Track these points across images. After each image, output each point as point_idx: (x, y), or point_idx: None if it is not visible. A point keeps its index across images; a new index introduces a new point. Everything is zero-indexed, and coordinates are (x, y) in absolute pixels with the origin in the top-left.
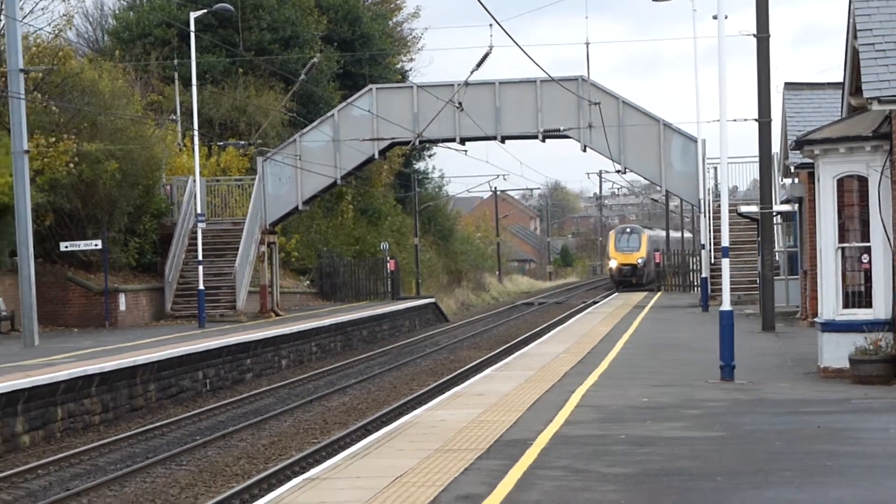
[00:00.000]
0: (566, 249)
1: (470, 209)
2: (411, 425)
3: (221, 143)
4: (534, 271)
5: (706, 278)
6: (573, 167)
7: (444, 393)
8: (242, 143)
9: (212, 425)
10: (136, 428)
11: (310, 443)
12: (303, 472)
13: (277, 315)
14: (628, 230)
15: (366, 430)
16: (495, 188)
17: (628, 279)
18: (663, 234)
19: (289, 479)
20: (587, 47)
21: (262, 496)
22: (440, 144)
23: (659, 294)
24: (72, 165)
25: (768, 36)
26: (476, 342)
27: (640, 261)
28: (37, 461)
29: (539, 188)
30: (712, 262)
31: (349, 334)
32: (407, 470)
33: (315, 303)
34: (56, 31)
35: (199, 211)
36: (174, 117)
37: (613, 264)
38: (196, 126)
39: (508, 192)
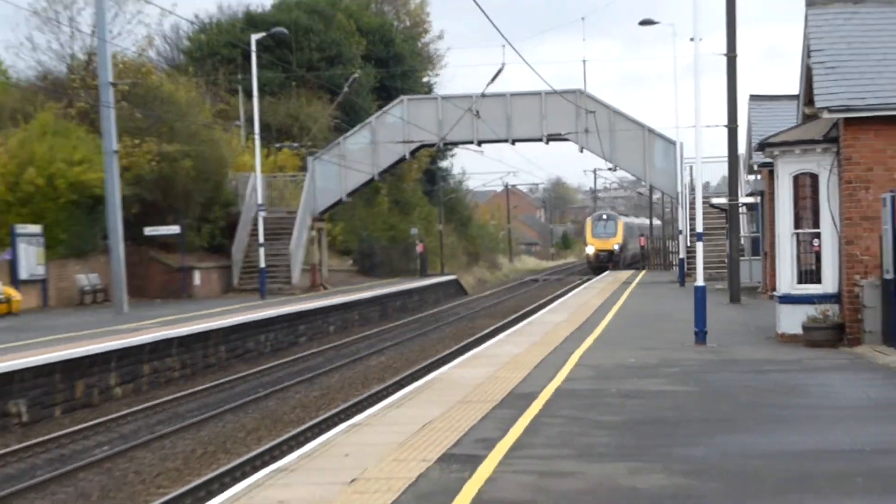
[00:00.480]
0: (566, 235)
1: (485, 200)
2: (437, 381)
3: (278, 145)
4: (539, 253)
5: (683, 259)
6: (572, 165)
7: (464, 354)
8: (295, 145)
9: (272, 380)
10: (210, 382)
11: (353, 395)
12: (348, 419)
13: (325, 289)
14: (604, 216)
15: (399, 385)
16: (507, 183)
17: (605, 265)
18: (639, 220)
19: (336, 424)
20: (584, 64)
21: (314, 438)
22: (460, 146)
23: (643, 272)
24: (154, 163)
25: (735, 55)
26: (491, 312)
27: (616, 247)
28: (128, 409)
29: (543, 183)
30: (688, 245)
31: (385, 305)
32: (434, 418)
33: (356, 279)
34: (139, 51)
35: (259, 202)
36: (238, 123)
37: (590, 250)
38: (257, 130)
39: (518, 186)
